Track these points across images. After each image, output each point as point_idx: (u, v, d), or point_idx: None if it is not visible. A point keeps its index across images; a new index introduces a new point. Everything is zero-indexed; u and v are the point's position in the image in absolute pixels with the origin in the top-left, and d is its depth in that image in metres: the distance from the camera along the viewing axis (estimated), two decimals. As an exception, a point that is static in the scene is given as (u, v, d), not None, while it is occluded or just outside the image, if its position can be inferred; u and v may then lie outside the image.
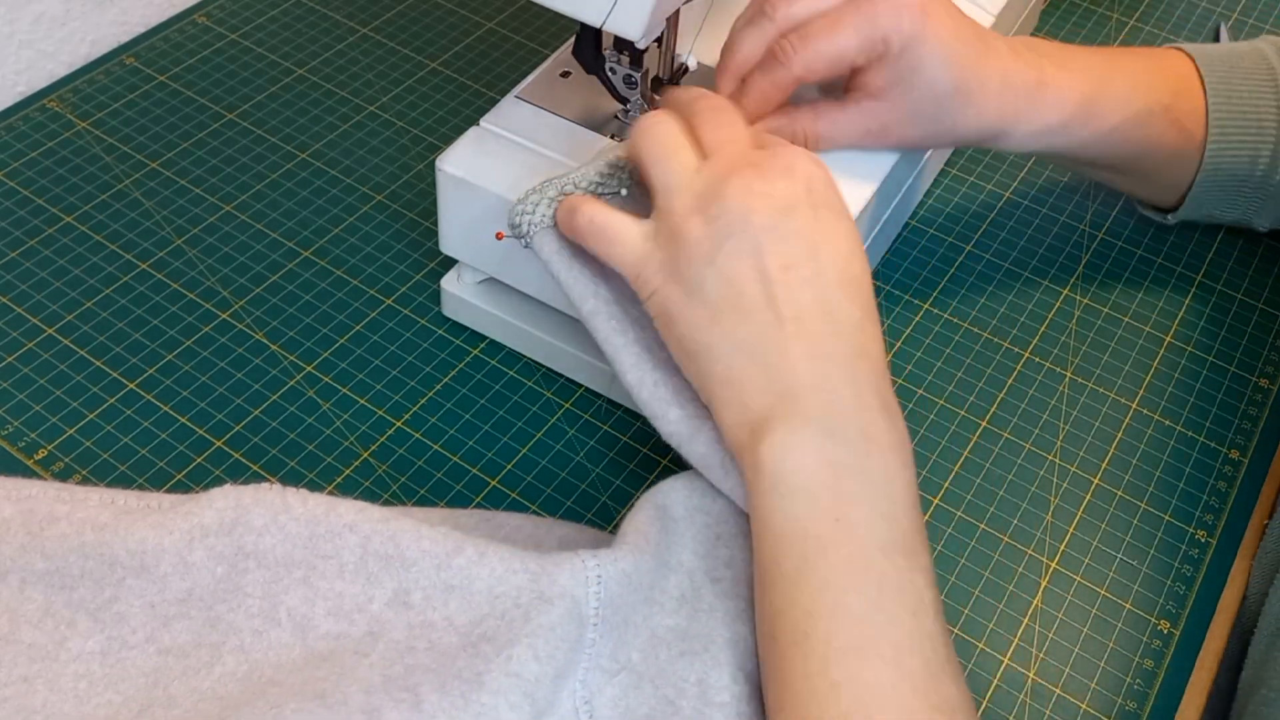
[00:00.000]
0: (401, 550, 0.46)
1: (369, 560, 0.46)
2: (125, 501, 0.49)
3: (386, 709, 0.42)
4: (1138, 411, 0.62)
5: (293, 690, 0.43)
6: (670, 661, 0.46)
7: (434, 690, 0.43)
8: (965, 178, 0.73)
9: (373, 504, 0.48)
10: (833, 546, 0.43)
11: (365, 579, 0.46)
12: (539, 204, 0.51)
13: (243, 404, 0.58)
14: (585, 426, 0.59)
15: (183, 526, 0.47)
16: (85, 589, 0.47)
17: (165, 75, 0.74)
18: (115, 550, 0.47)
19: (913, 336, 0.64)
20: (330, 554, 0.46)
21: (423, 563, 0.46)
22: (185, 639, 0.46)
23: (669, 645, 0.47)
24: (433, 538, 0.46)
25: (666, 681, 0.46)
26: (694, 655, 0.46)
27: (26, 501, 0.49)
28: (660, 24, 0.52)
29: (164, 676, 0.46)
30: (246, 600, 0.46)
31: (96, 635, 0.46)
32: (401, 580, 0.46)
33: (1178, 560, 0.56)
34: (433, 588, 0.46)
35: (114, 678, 0.46)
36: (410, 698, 0.42)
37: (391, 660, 0.44)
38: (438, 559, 0.46)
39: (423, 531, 0.46)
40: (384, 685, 0.43)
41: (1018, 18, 0.75)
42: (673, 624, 0.47)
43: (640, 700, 0.46)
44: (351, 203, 0.68)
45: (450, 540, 0.46)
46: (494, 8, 0.82)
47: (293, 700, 0.42)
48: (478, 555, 0.46)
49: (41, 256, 0.64)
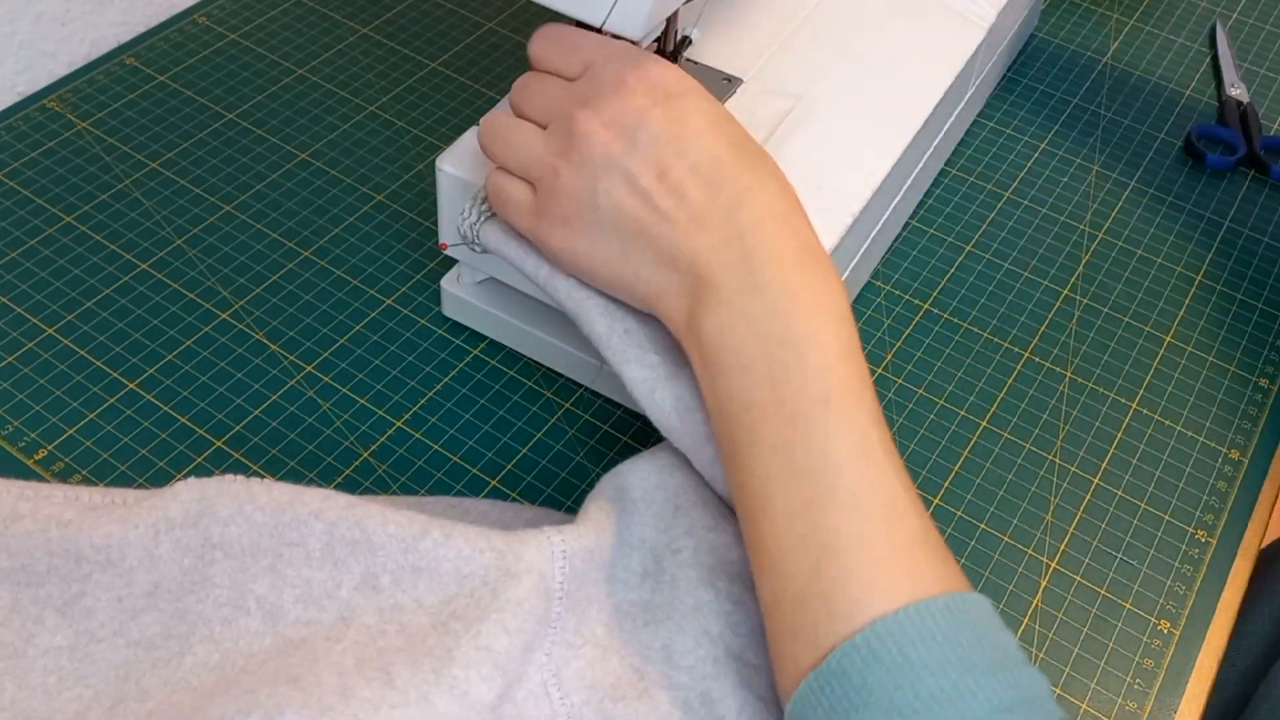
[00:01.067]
0: (368, 535, 0.46)
1: (335, 546, 0.46)
2: (90, 498, 0.49)
3: (360, 687, 0.42)
4: (1138, 411, 0.62)
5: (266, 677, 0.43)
6: (635, 632, 0.47)
7: (406, 668, 0.43)
8: (965, 178, 0.73)
9: (339, 491, 0.48)
10: (774, 410, 0.44)
11: (333, 565, 0.46)
12: (473, 206, 0.53)
13: (243, 404, 0.58)
14: (585, 426, 0.59)
15: (148, 520, 0.47)
16: (52, 585, 0.47)
17: (165, 75, 0.74)
18: (81, 546, 0.47)
19: (913, 336, 0.64)
20: (296, 541, 0.47)
21: (389, 546, 0.46)
22: (154, 631, 0.46)
23: (633, 618, 0.47)
24: (399, 521, 0.47)
25: (632, 651, 0.47)
26: (658, 624, 0.47)
27: None
28: (660, 23, 0.52)
29: (135, 669, 0.46)
30: (214, 590, 0.47)
31: (64, 630, 0.47)
32: (369, 564, 0.46)
33: (1178, 560, 0.56)
34: (401, 570, 0.46)
35: (84, 672, 0.46)
36: (383, 676, 0.43)
37: (364, 644, 0.45)
38: (404, 542, 0.46)
39: (389, 516, 0.47)
40: (357, 667, 0.43)
41: (1018, 18, 0.75)
42: (636, 598, 0.48)
43: (607, 671, 0.46)
44: (351, 203, 0.68)
45: (416, 524, 0.47)
46: (494, 8, 0.82)
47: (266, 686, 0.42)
48: (444, 537, 0.46)
49: (41, 256, 0.64)
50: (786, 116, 0.59)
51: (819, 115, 0.60)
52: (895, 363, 0.63)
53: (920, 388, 0.62)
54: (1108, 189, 0.73)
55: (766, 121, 0.59)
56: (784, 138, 0.58)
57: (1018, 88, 0.79)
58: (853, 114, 0.61)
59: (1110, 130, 0.76)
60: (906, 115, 0.62)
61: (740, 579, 0.48)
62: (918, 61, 0.64)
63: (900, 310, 0.65)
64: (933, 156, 0.68)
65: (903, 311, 0.65)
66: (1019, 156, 0.74)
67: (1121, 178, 0.73)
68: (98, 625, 0.47)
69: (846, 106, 0.61)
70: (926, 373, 0.62)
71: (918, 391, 0.61)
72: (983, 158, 0.74)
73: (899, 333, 0.64)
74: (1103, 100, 0.78)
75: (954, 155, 0.74)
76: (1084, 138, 0.76)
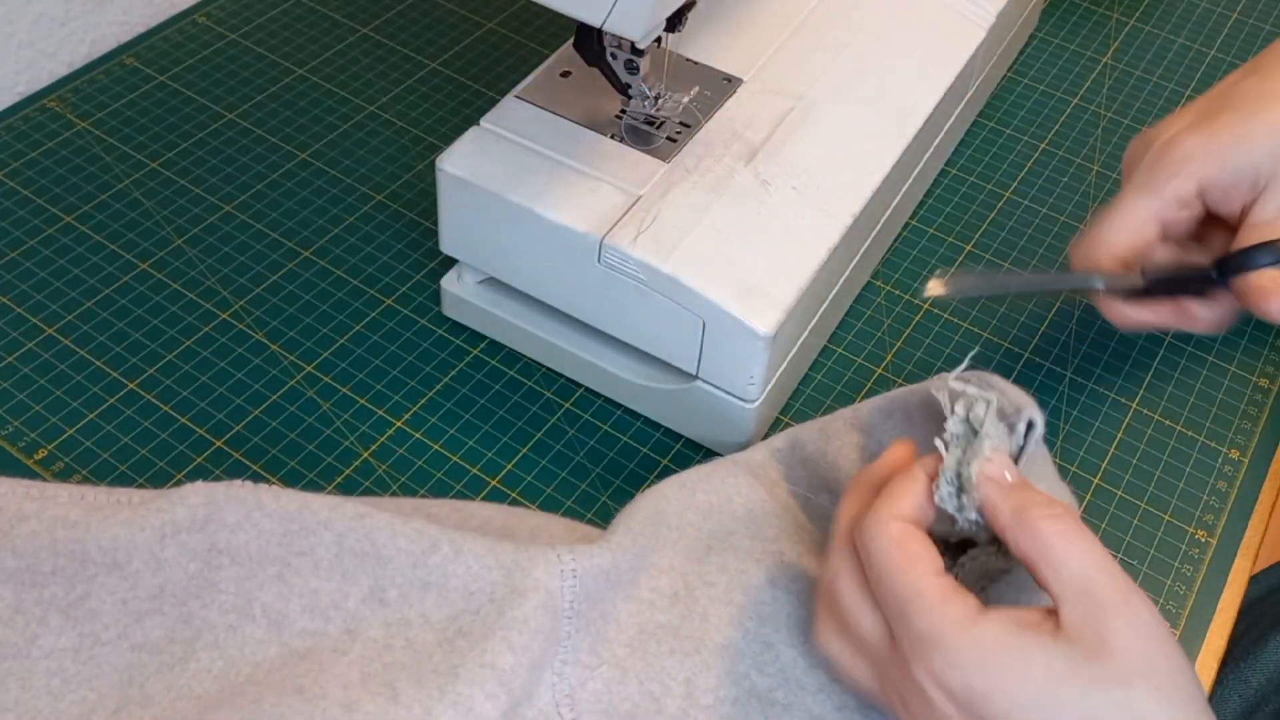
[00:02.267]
0: (377, 547, 0.46)
1: (344, 557, 0.46)
2: (95, 498, 0.49)
3: (364, 702, 0.42)
4: (1138, 411, 0.62)
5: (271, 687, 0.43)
6: (659, 657, 0.47)
7: (411, 683, 0.43)
8: (965, 178, 0.73)
9: (346, 498, 0.48)
10: None
11: (341, 576, 0.46)
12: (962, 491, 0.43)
13: (243, 404, 0.58)
14: (585, 426, 0.59)
15: (155, 523, 0.47)
16: (56, 586, 0.47)
17: (165, 75, 0.74)
18: (87, 547, 0.47)
19: (913, 336, 0.64)
20: (305, 550, 0.47)
21: (398, 560, 0.46)
22: (158, 634, 0.46)
23: (659, 640, 0.47)
24: (408, 534, 0.46)
25: (652, 677, 0.46)
26: (684, 655, 0.47)
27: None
28: (660, 23, 0.52)
29: (138, 673, 0.46)
30: (220, 596, 0.47)
31: (68, 632, 0.46)
32: (377, 577, 0.46)
33: (1178, 560, 0.56)
34: (409, 585, 0.46)
35: (87, 675, 0.46)
36: (387, 691, 0.43)
37: (370, 658, 0.45)
38: (413, 556, 0.46)
39: (397, 528, 0.46)
40: (362, 681, 0.43)
41: (1018, 18, 0.75)
42: (665, 620, 0.47)
43: (624, 695, 0.46)
44: (351, 203, 0.68)
45: (425, 537, 0.46)
46: (494, 8, 0.82)
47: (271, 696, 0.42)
48: (453, 552, 0.46)
49: (41, 256, 0.64)
50: (786, 116, 0.59)
51: (819, 115, 0.60)
52: (895, 363, 0.63)
53: (920, 388, 0.62)
54: (1107, 188, 0.73)
55: (767, 121, 0.59)
56: (784, 138, 0.59)
57: (1018, 88, 0.79)
58: (853, 114, 0.61)
59: (1110, 130, 0.76)
60: (906, 115, 0.62)
61: (770, 620, 0.48)
62: (918, 62, 0.64)
63: (900, 310, 0.65)
64: (933, 156, 0.68)
65: (903, 311, 0.65)
66: (1019, 156, 0.74)
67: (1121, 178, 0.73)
68: (102, 627, 0.47)
69: (846, 106, 0.61)
70: (927, 373, 0.62)
71: (918, 391, 0.61)
72: (983, 158, 0.74)
73: (899, 333, 0.64)
74: (1103, 100, 0.78)
75: (954, 155, 0.74)
76: (1084, 138, 0.76)
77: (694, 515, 0.50)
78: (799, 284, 0.54)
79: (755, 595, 0.48)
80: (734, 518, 0.51)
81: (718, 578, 0.48)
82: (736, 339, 0.53)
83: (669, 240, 0.53)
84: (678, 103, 0.59)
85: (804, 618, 0.48)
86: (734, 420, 0.56)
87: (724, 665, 0.46)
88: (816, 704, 0.46)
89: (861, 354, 0.63)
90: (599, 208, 0.54)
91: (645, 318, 0.55)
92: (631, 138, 0.57)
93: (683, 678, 0.46)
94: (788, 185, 0.57)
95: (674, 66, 0.61)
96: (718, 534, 0.49)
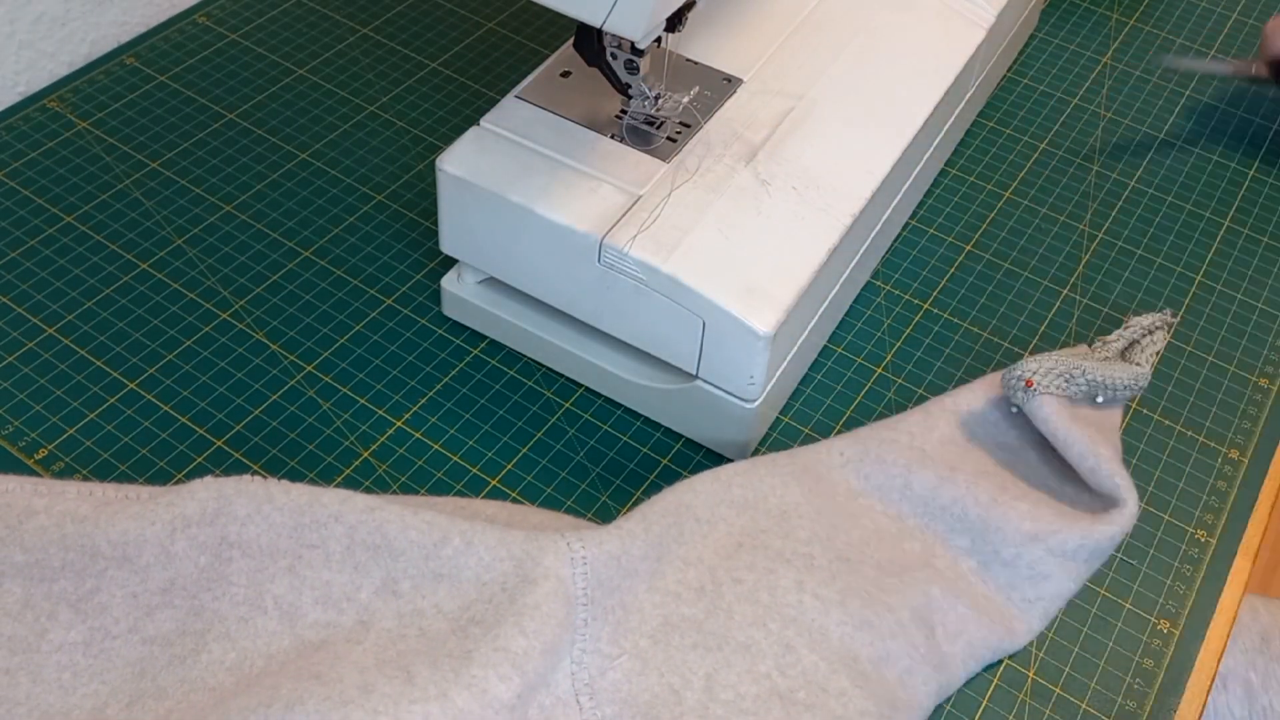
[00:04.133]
0: (389, 540, 0.46)
1: (356, 550, 0.47)
2: (104, 493, 0.49)
3: (380, 684, 0.43)
4: (1138, 411, 0.62)
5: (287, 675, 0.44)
6: (681, 650, 0.47)
7: (426, 667, 0.43)
8: (965, 178, 0.73)
9: (356, 492, 0.48)
10: None
11: (353, 568, 0.47)
12: (1047, 375, 0.55)
13: (243, 404, 0.58)
14: (585, 426, 0.59)
15: (165, 517, 0.47)
16: (66, 581, 0.47)
17: (165, 75, 0.74)
18: (97, 541, 0.47)
19: (913, 336, 0.64)
20: (316, 544, 0.47)
21: (411, 553, 0.46)
22: (169, 627, 0.46)
23: (682, 634, 0.47)
24: (419, 527, 0.47)
25: (673, 670, 0.46)
26: (706, 650, 0.47)
27: (3, 496, 0.49)
28: (660, 23, 0.52)
29: (150, 666, 0.46)
30: (231, 589, 0.47)
31: (78, 626, 0.47)
32: (390, 570, 0.47)
33: (1178, 560, 0.56)
34: (421, 577, 0.46)
35: (98, 668, 0.46)
36: (403, 674, 0.43)
37: (384, 646, 0.45)
38: (425, 549, 0.46)
39: (408, 521, 0.47)
40: (377, 666, 0.44)
41: (1018, 18, 0.75)
42: (689, 614, 0.48)
43: (644, 686, 0.46)
44: (351, 203, 0.68)
45: (437, 529, 0.47)
46: (494, 8, 0.82)
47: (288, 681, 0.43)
48: (465, 544, 0.46)
49: (41, 256, 0.64)
50: (786, 116, 0.60)
51: (819, 115, 0.60)
52: (895, 363, 0.63)
53: (920, 387, 0.62)
54: (1107, 189, 0.73)
55: (767, 121, 0.59)
56: (784, 138, 0.59)
57: (1018, 88, 0.79)
58: (853, 114, 0.61)
59: (1110, 130, 0.76)
60: (906, 115, 0.62)
61: (794, 623, 0.48)
62: (917, 62, 0.64)
63: (900, 310, 0.65)
64: (933, 156, 0.68)
65: (903, 311, 0.65)
66: (1019, 156, 0.74)
67: (1121, 178, 0.73)
68: (112, 621, 0.47)
69: (846, 106, 0.61)
70: (926, 372, 0.62)
71: (918, 391, 0.61)
72: (982, 158, 0.74)
73: (899, 332, 0.64)
74: (1102, 100, 0.78)
75: (954, 155, 0.74)
76: (1084, 138, 0.76)
77: (726, 509, 0.50)
78: (799, 284, 0.54)
79: (781, 597, 0.48)
80: (768, 515, 0.51)
81: (745, 575, 0.48)
82: (736, 339, 0.53)
83: (669, 240, 0.53)
84: (678, 103, 0.59)
85: (828, 626, 0.48)
86: (734, 420, 0.56)
87: (745, 663, 0.46)
88: (839, 706, 0.46)
89: (861, 354, 0.63)
90: (599, 208, 0.54)
91: (645, 317, 0.55)
92: (631, 138, 0.57)
93: (704, 672, 0.46)
94: (788, 185, 0.57)
95: (674, 66, 0.61)
96: (750, 530, 0.49)
